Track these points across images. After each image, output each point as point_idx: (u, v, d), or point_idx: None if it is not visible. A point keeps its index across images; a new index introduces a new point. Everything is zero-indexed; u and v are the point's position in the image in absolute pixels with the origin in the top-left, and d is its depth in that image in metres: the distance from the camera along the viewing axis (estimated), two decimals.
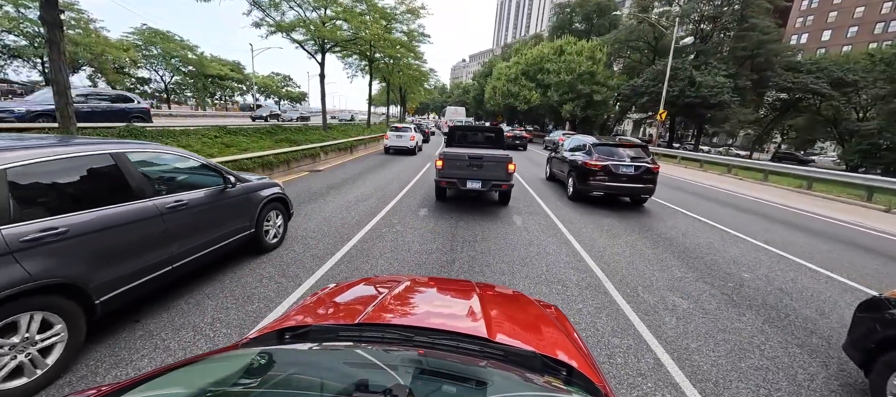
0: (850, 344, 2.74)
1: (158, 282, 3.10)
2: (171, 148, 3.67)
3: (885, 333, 2.44)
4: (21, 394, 2.15)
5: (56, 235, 2.33)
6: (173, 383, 0.91)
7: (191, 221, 3.42)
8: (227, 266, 4.24)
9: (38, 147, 2.45)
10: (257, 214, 4.43)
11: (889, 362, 2.41)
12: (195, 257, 3.48)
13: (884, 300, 2.61)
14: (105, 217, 2.66)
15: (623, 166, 8.46)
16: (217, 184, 3.88)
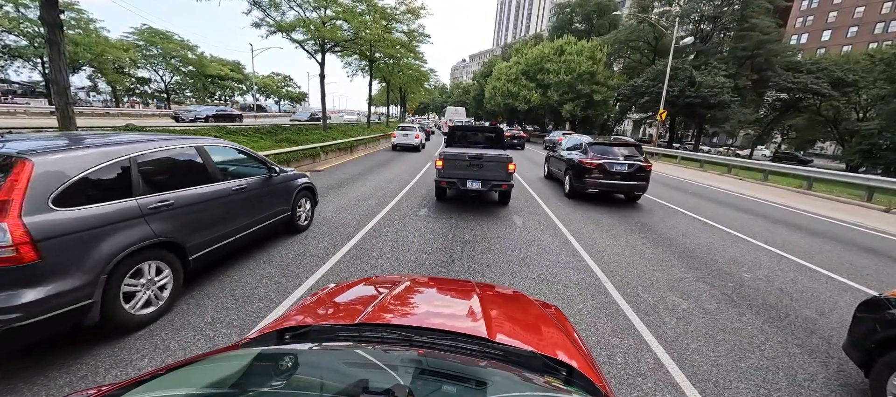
0: (850, 344, 2.75)
1: (225, 249, 3.90)
2: (232, 143, 4.54)
3: (885, 333, 2.45)
4: (149, 320, 3.06)
5: (166, 206, 3.18)
6: (173, 383, 0.91)
7: (248, 202, 4.24)
8: (227, 264, 4.24)
9: (150, 141, 3.27)
10: (293, 200, 5.25)
11: (889, 362, 2.41)
12: (250, 231, 4.28)
13: (884, 300, 2.61)
14: (195, 194, 3.51)
15: (617, 164, 8.79)
16: (264, 174, 4.66)
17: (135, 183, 2.98)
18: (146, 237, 2.94)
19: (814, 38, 59.58)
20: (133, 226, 2.89)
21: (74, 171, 2.62)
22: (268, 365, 1.01)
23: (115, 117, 24.35)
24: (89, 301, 2.57)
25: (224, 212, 3.85)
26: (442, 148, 8.49)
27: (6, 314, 2.17)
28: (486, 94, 51.92)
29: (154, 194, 3.12)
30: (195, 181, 3.58)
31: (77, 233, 2.54)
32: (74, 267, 2.51)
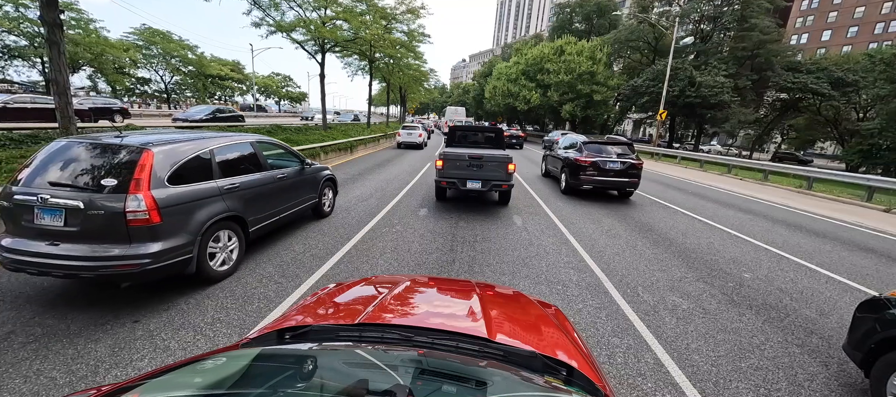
0: (850, 344, 2.75)
1: (271, 225, 4.77)
2: (275, 139, 5.52)
3: (885, 333, 2.45)
4: (223, 275, 3.91)
5: (235, 187, 4.05)
6: (173, 383, 0.91)
7: (287, 188, 5.11)
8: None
9: (219, 137, 4.21)
10: (319, 189, 6.13)
11: (889, 362, 2.42)
12: (288, 213, 5.16)
13: (884, 300, 2.62)
14: (252, 179, 4.38)
15: (610, 162, 9.32)
16: (298, 166, 5.51)
17: (214, 169, 3.89)
18: (223, 210, 3.84)
19: (814, 38, 59.57)
20: (215, 202, 3.79)
21: (179, 158, 3.51)
22: (268, 365, 1.01)
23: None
24: (190, 255, 3.46)
25: (271, 194, 4.73)
26: (442, 148, 8.50)
27: (142, 259, 3.07)
28: (486, 94, 51.90)
29: (226, 178, 4.01)
30: (251, 169, 4.47)
31: (183, 204, 3.42)
32: (181, 229, 3.38)
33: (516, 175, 11.88)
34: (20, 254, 3.01)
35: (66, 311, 3.17)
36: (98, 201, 3.00)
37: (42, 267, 2.99)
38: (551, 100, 37.77)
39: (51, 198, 2.99)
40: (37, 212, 3.05)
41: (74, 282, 3.62)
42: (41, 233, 3.05)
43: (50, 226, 3.03)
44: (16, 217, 3.10)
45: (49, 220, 3.04)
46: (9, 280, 3.62)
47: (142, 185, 3.10)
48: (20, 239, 3.09)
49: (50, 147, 3.36)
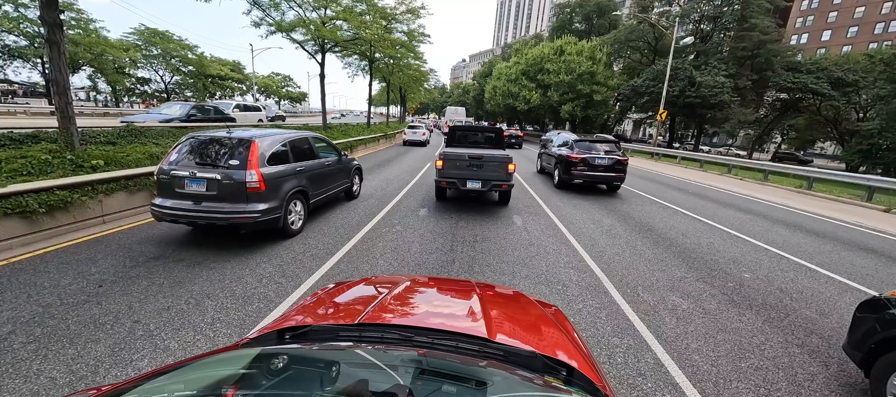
0: (851, 344, 2.76)
1: (321, 201, 6.37)
2: (321, 135, 6.99)
3: (885, 333, 2.45)
4: (296, 232, 5.36)
5: (302, 169, 5.56)
6: (173, 383, 0.91)
7: (332, 173, 6.69)
8: (227, 262, 4.25)
9: (290, 133, 5.74)
10: (351, 175, 7.66)
11: (889, 362, 2.42)
12: (332, 192, 6.77)
13: (884, 300, 2.61)
14: (310, 164, 5.87)
15: (599, 159, 10.17)
16: (336, 156, 7.01)
17: (290, 155, 5.41)
18: (296, 185, 5.36)
19: (814, 38, 59.57)
20: (292, 179, 5.29)
21: (272, 146, 5.04)
22: (268, 365, 1.00)
23: (114, 117, 24.33)
24: (279, 215, 4.92)
25: (322, 176, 6.27)
26: (442, 148, 8.51)
27: (255, 214, 4.54)
28: (486, 94, 51.90)
29: (297, 162, 5.52)
30: (309, 157, 5.97)
31: (276, 178, 4.88)
32: (276, 195, 4.86)
33: (515, 174, 11.90)
34: (174, 210, 4.55)
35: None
36: (228, 174, 4.54)
37: (191, 218, 4.56)
38: (551, 101, 37.76)
39: (198, 173, 4.54)
40: (187, 182, 4.56)
41: (202, 230, 5.36)
42: (189, 196, 4.58)
43: (196, 192, 4.57)
44: (169, 186, 4.63)
45: (195, 187, 4.57)
46: (158, 228, 5.42)
47: (254, 164, 4.63)
48: (172, 199, 4.63)
49: (184, 140, 4.95)
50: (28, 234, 4.55)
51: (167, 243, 4.90)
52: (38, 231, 4.65)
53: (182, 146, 4.88)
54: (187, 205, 4.55)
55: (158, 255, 4.47)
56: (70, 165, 5.81)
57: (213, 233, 5.28)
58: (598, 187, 11.01)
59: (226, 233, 5.24)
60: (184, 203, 4.57)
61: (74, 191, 5.11)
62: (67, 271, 3.93)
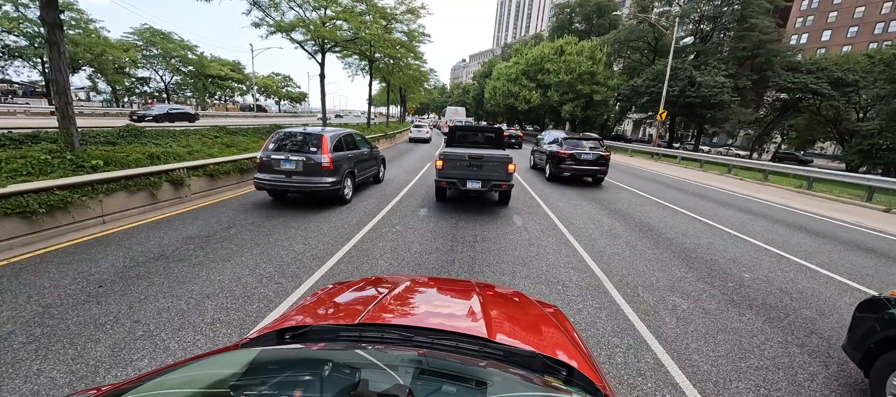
0: (850, 344, 2.76)
1: (362, 181, 8.43)
2: (358, 131, 9.00)
3: (885, 333, 2.46)
4: (348, 200, 7.61)
5: (350, 156, 7.70)
6: (173, 383, 0.91)
7: (367, 159, 8.73)
8: (227, 262, 4.25)
9: (342, 130, 8.06)
10: (379, 163, 9.85)
11: (888, 362, 2.42)
12: (367, 175, 8.84)
13: (883, 300, 2.62)
14: (355, 153, 7.99)
15: (584, 154, 11.43)
16: (370, 148, 9.05)
17: (344, 145, 7.51)
18: (349, 167, 7.45)
19: (814, 38, 59.56)
20: (347, 162, 7.38)
21: (335, 140, 7.15)
22: (268, 365, 1.00)
23: (114, 117, 24.36)
24: (340, 186, 7.00)
25: (362, 162, 8.38)
26: (442, 148, 8.52)
27: (327, 185, 6.72)
28: (486, 94, 51.88)
29: (349, 150, 7.62)
30: (354, 147, 8.04)
31: (338, 161, 6.95)
32: (338, 173, 6.93)
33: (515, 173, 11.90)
34: (273, 182, 6.77)
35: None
36: (310, 158, 6.66)
37: (285, 187, 6.91)
38: (551, 101, 37.75)
39: (290, 156, 6.68)
40: (282, 163, 6.68)
41: (288, 198, 7.77)
42: (283, 172, 6.71)
43: (288, 169, 6.70)
44: (269, 165, 6.75)
45: (287, 166, 6.69)
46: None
47: (325, 151, 6.78)
48: (270, 174, 6.76)
49: (275, 134, 7.21)
50: (28, 234, 4.55)
51: (167, 244, 4.90)
52: (39, 231, 4.66)
53: (276, 138, 7.10)
54: (281, 178, 6.79)
55: (158, 255, 4.47)
56: (70, 165, 5.81)
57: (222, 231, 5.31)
58: (584, 180, 12.32)
59: (221, 234, 5.25)
60: (279, 177, 6.79)
61: (74, 191, 5.12)
62: (67, 271, 3.93)
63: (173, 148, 8.31)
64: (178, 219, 5.99)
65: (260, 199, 7.58)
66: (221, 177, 8.01)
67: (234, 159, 8.60)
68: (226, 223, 5.89)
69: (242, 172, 8.76)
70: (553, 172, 11.77)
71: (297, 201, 7.52)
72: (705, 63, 31.29)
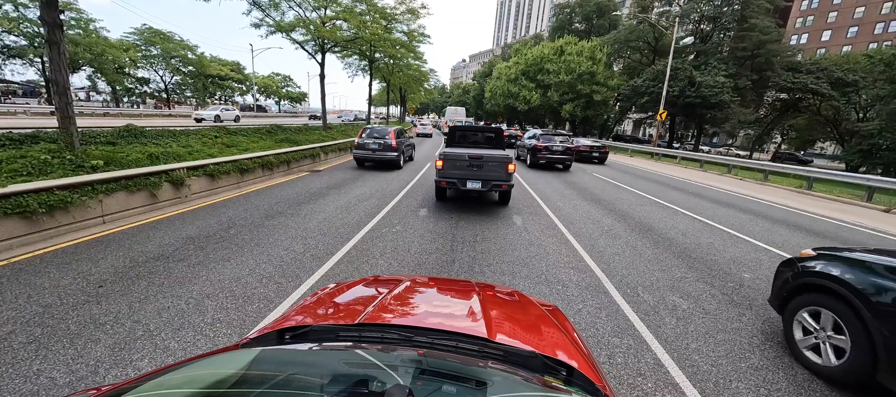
0: (772, 295, 3.49)
1: (408, 158, 14.86)
2: (401, 127, 16.17)
3: (795, 283, 3.21)
4: (400, 168, 13.37)
5: (403, 141, 13.74)
6: (173, 383, 0.91)
7: (409, 145, 14.83)
8: (227, 262, 4.25)
9: (396, 127, 14.42)
10: (412, 148, 15.61)
11: (797, 304, 3.19)
12: (409, 154, 14.97)
13: (795, 259, 3.37)
14: (404, 139, 14.14)
15: (555, 146, 15.05)
16: (409, 138, 15.40)
17: (400, 134, 13.54)
18: (402, 148, 13.41)
19: (814, 38, 59.57)
20: (402, 146, 13.41)
21: (397, 131, 13.41)
22: (268, 365, 1.00)
23: (114, 117, 24.35)
24: (400, 158, 13.22)
25: (407, 146, 14.38)
26: (442, 148, 8.51)
27: (394, 157, 12.78)
28: (486, 95, 51.92)
29: (401, 138, 13.48)
30: (402, 137, 13.75)
31: (400, 143, 13.06)
32: (400, 150, 13.05)
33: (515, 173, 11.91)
34: (364, 155, 12.73)
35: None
36: (384, 141, 12.62)
37: (370, 160, 12.86)
38: (551, 101, 37.77)
39: (375, 140, 12.64)
40: (370, 144, 12.59)
41: (372, 166, 13.15)
42: (370, 148, 12.61)
43: (374, 146, 12.59)
44: (363, 145, 12.63)
45: (373, 146, 12.60)
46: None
47: (393, 138, 12.70)
48: (363, 151, 12.68)
49: (364, 129, 13.23)
50: (28, 234, 4.55)
51: (167, 244, 4.90)
52: (39, 231, 4.66)
53: (364, 131, 13.06)
54: (369, 153, 12.55)
55: (158, 255, 4.47)
56: (70, 165, 5.81)
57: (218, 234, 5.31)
58: (555, 168, 15.75)
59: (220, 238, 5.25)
60: (367, 152, 12.55)
61: (74, 191, 5.12)
62: (67, 271, 3.93)
63: (173, 148, 8.31)
64: (178, 219, 5.99)
65: (260, 199, 7.58)
66: (221, 177, 8.02)
67: (234, 159, 8.60)
68: (226, 223, 5.89)
69: (242, 172, 8.76)
70: (532, 161, 15.39)
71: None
72: (705, 63, 31.29)
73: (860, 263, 2.84)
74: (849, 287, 2.76)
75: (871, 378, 2.60)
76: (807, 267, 3.17)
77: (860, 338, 2.64)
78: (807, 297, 3.10)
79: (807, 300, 3.10)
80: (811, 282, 3.08)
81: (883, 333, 2.50)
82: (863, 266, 2.81)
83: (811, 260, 3.20)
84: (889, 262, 2.73)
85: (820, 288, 3.03)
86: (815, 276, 3.05)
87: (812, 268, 3.11)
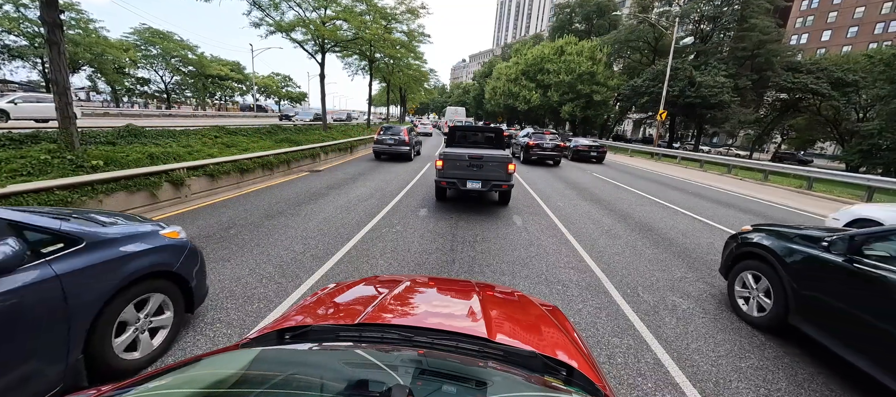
0: (721, 264, 4.26)
1: (418, 151, 18.30)
2: (407, 126, 19.33)
3: (737, 252, 3.96)
4: (411, 160, 15.96)
5: (413, 138, 16.74)
6: (173, 383, 0.91)
7: (417, 142, 18.49)
8: (227, 262, 4.25)
9: (407, 126, 20.31)
10: (420, 144, 19.37)
11: (738, 268, 3.93)
12: (417, 149, 18.06)
13: (738, 233, 4.12)
14: (413, 136, 17.07)
15: (545, 143, 16.71)
16: (418, 135, 19.36)
17: (412, 132, 17.07)
18: (413, 143, 16.40)
19: (814, 38, 59.57)
20: (413, 141, 16.39)
21: (408, 129, 16.90)
22: (268, 365, 1.00)
23: (114, 117, 24.33)
24: (411, 151, 15.90)
25: (417, 143, 18.22)
26: (442, 148, 8.51)
27: (407, 150, 15.34)
28: (486, 95, 51.93)
29: (412, 135, 16.44)
30: (412, 133, 16.75)
31: (411, 139, 16.06)
32: (412, 144, 15.99)
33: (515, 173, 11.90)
34: (382, 150, 15.34)
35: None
36: (398, 137, 15.29)
37: (386, 153, 15.39)
38: (551, 101, 37.78)
39: (391, 137, 15.35)
40: (387, 140, 15.29)
41: (386, 158, 15.72)
42: (387, 143, 15.22)
43: (390, 142, 15.26)
44: (382, 141, 15.31)
45: (389, 141, 15.28)
46: (369, 157, 14.95)
47: (406, 133, 15.53)
48: (381, 145, 15.29)
49: (381, 127, 16.40)
50: None
51: None
52: None
53: (382, 128, 15.96)
54: (386, 147, 15.14)
55: None
56: (70, 165, 5.81)
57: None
58: (545, 163, 17.14)
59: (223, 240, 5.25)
60: (385, 147, 15.15)
61: (74, 192, 5.12)
62: None
63: (173, 148, 8.31)
64: (177, 219, 5.99)
65: (259, 199, 7.58)
66: (221, 177, 8.02)
67: (234, 159, 8.60)
68: (226, 223, 5.89)
69: (242, 172, 8.76)
70: (525, 157, 16.97)
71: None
72: (705, 63, 31.30)
73: (780, 233, 3.57)
74: (771, 252, 3.49)
75: (784, 321, 3.30)
76: (746, 239, 3.90)
77: (779, 290, 3.36)
78: (744, 263, 3.85)
79: (744, 265, 3.85)
80: (748, 251, 3.80)
81: (792, 286, 3.22)
82: (781, 235, 3.53)
83: (750, 233, 3.93)
84: (800, 232, 3.43)
85: (754, 255, 3.74)
86: (751, 246, 3.77)
87: (750, 239, 3.83)
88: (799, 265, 3.20)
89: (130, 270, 2.35)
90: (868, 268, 2.69)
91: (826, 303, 2.94)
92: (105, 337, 2.24)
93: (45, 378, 1.92)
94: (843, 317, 2.80)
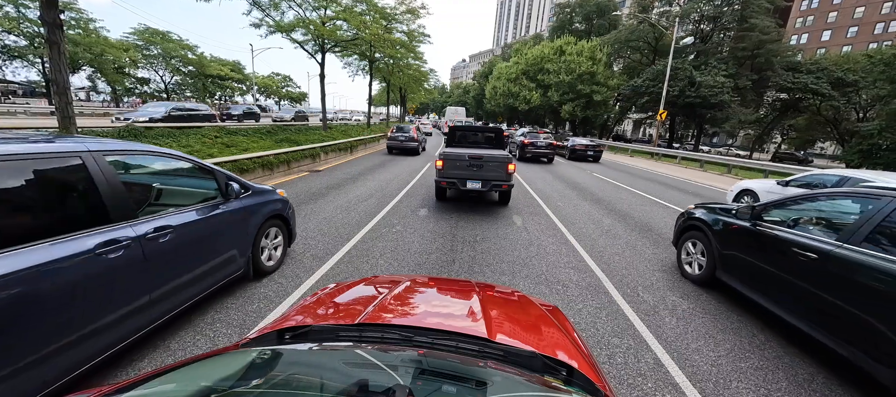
0: (673, 237, 5.13)
1: (424, 145, 21.08)
2: (414, 125, 21.58)
3: (684, 225, 4.85)
4: (419, 154, 18.66)
5: (420, 134, 20.35)
6: (173, 383, 0.91)
7: (425, 137, 23.46)
8: None
9: (413, 123, 28.85)
10: (425, 141, 22.22)
11: (684, 239, 4.82)
12: (423, 144, 20.89)
13: (686, 211, 4.94)
14: (420, 134, 20.28)
15: (539, 142, 17.87)
16: (424, 133, 26.24)
17: (418, 130, 19.69)
18: (420, 139, 19.48)
19: (814, 38, 59.58)
20: (420, 137, 19.35)
21: (416, 127, 20.40)
22: (268, 365, 1.00)
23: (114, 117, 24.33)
24: (418, 146, 18.68)
25: (422, 139, 20.40)
26: (442, 148, 8.51)
27: (417, 144, 18.30)
28: (486, 94, 51.92)
29: (419, 133, 19.48)
30: (420, 130, 21.24)
31: (419, 136, 19.05)
32: (419, 140, 18.82)
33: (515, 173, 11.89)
34: (393, 146, 17.87)
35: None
36: (408, 133, 18.03)
37: (397, 148, 17.92)
38: (551, 101, 37.77)
39: (402, 133, 18.01)
40: (399, 136, 17.88)
41: (397, 153, 18.07)
42: (399, 140, 17.80)
43: (401, 138, 17.80)
44: (394, 138, 18.03)
45: (400, 137, 17.81)
46: (382, 152, 17.97)
47: (414, 132, 18.27)
48: (393, 141, 17.82)
49: (394, 126, 19.26)
50: None
51: None
52: None
53: (394, 128, 18.55)
54: (397, 143, 17.68)
55: None
56: None
57: None
58: (540, 160, 18.30)
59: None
60: (396, 143, 17.70)
61: None
62: None
63: (173, 148, 8.32)
64: None
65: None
66: None
67: (233, 159, 8.60)
68: None
69: (242, 172, 8.76)
70: (520, 155, 17.92)
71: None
72: (705, 63, 31.29)
73: (711, 209, 4.55)
74: (704, 223, 4.44)
75: (714, 275, 4.21)
76: (691, 214, 4.79)
77: (709, 252, 4.30)
78: (688, 234, 4.77)
79: (688, 236, 4.77)
80: (691, 224, 4.71)
81: (717, 247, 4.16)
82: (712, 210, 4.51)
83: (693, 210, 4.81)
84: (724, 206, 4.46)
85: (695, 227, 4.63)
86: (693, 220, 4.68)
87: (694, 214, 4.72)
88: (721, 230, 4.17)
89: (268, 210, 3.90)
90: (765, 228, 3.61)
91: (739, 259, 3.86)
92: (257, 247, 3.79)
93: (236, 263, 3.45)
94: (750, 267, 3.69)
